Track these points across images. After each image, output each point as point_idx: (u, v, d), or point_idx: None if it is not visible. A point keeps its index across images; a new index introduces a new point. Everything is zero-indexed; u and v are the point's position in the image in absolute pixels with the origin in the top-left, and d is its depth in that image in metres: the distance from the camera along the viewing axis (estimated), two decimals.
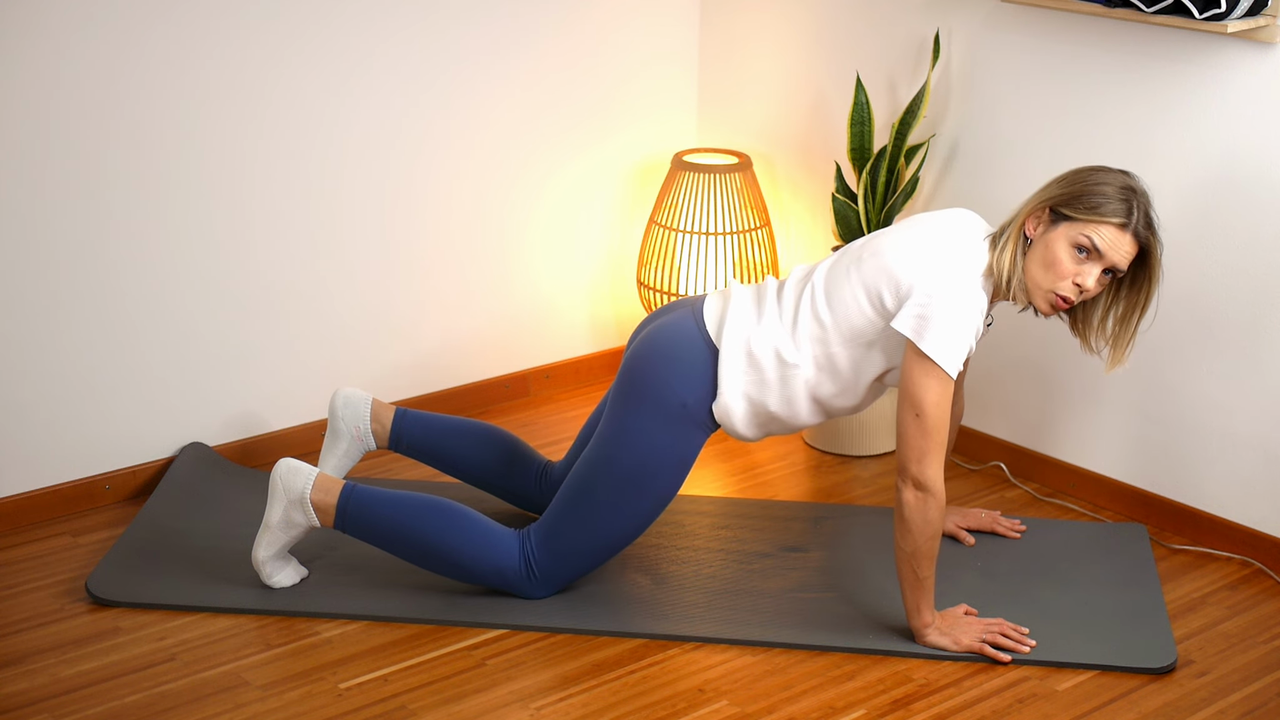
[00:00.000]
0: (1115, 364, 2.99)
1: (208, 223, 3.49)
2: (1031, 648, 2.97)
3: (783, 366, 2.98)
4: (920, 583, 2.93)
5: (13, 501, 3.37)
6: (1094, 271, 2.86)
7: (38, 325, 3.33)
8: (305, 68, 3.53)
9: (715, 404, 3.00)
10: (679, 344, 3.02)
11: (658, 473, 3.00)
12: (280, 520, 3.06)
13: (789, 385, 2.99)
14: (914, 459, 2.87)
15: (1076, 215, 2.84)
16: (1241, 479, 3.36)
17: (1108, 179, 2.86)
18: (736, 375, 2.98)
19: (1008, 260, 2.88)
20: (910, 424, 2.87)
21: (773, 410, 3.01)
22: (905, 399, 2.87)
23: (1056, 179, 2.92)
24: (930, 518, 2.88)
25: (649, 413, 2.99)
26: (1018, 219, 2.91)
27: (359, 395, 3.38)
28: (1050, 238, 2.87)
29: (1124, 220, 2.83)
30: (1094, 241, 2.83)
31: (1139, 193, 2.86)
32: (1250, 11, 3.08)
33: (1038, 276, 2.88)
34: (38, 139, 3.23)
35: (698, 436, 3.03)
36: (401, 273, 3.80)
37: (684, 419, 2.99)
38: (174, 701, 2.79)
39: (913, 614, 2.97)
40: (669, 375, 2.99)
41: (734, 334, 2.99)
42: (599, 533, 3.03)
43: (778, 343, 2.98)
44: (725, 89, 4.17)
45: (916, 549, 2.89)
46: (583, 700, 2.84)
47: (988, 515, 3.41)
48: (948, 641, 2.97)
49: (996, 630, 2.98)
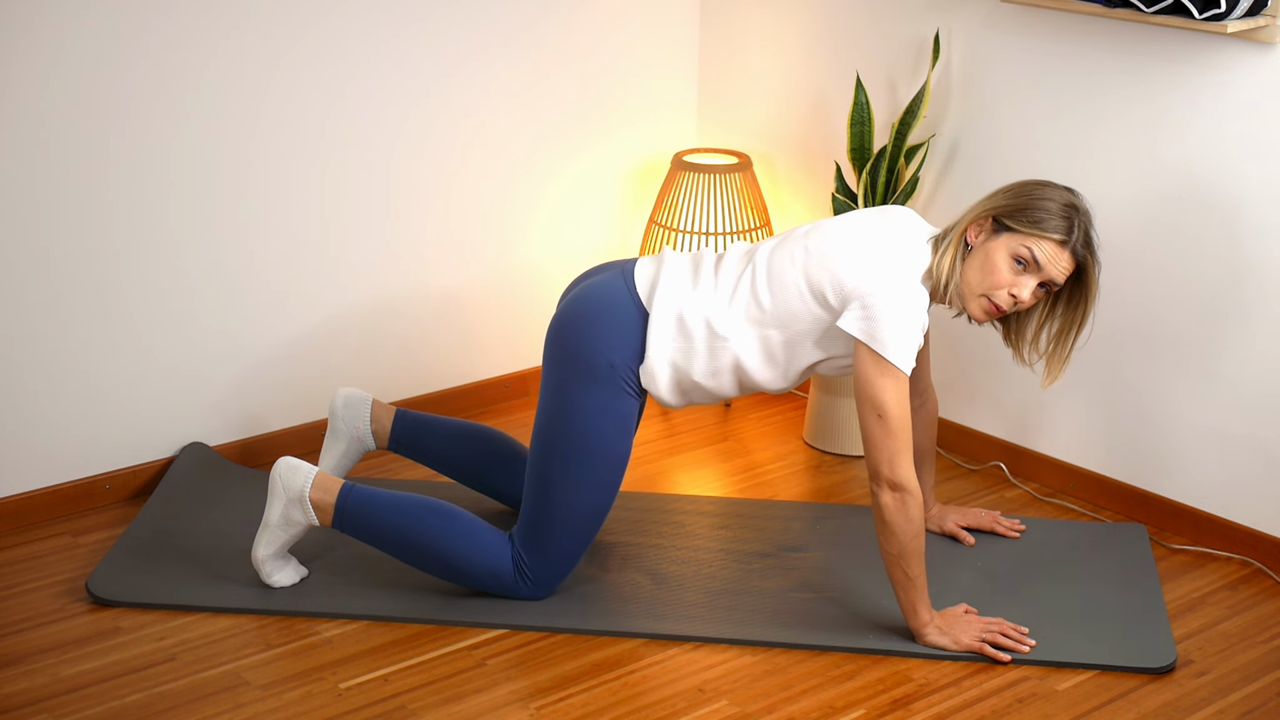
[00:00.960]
0: (1051, 380, 3.03)
1: (208, 222, 3.49)
2: (1031, 647, 2.97)
3: (713, 338, 2.99)
4: (912, 582, 2.93)
5: (13, 501, 3.37)
6: (1030, 284, 2.90)
7: (38, 325, 3.33)
8: (304, 69, 3.53)
9: (641, 367, 3.00)
10: (608, 304, 3.02)
11: (600, 439, 3.00)
12: (279, 518, 3.06)
13: (717, 357, 3.00)
14: (885, 461, 2.88)
15: (1018, 227, 2.89)
16: (1241, 479, 3.36)
17: (1052, 195, 2.90)
18: (665, 341, 2.99)
19: (947, 264, 2.92)
20: (875, 426, 2.88)
21: (696, 379, 3.02)
22: (865, 402, 2.89)
23: (1002, 189, 2.96)
24: (912, 516, 2.89)
25: (578, 380, 2.99)
26: (960, 225, 2.95)
27: (359, 396, 3.38)
28: (991, 246, 2.91)
29: (1064, 237, 2.88)
30: (1034, 254, 2.88)
31: (1081, 211, 2.91)
32: (1250, 11, 3.08)
33: (974, 283, 2.92)
34: (36, 139, 3.23)
35: (628, 402, 3.02)
36: (402, 273, 3.80)
37: (612, 381, 2.99)
38: (174, 701, 2.80)
39: (910, 614, 2.97)
40: (596, 336, 2.99)
41: (666, 299, 3.00)
42: (569, 516, 3.02)
43: (710, 314, 2.98)
44: (725, 89, 4.17)
45: (903, 549, 2.90)
46: (583, 700, 2.84)
47: (988, 515, 3.42)
48: (947, 641, 2.97)
49: (996, 630, 2.99)
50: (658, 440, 3.89)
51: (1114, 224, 3.44)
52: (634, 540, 3.35)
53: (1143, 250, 3.41)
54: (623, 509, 3.48)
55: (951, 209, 3.71)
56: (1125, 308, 3.46)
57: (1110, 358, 3.51)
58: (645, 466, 3.74)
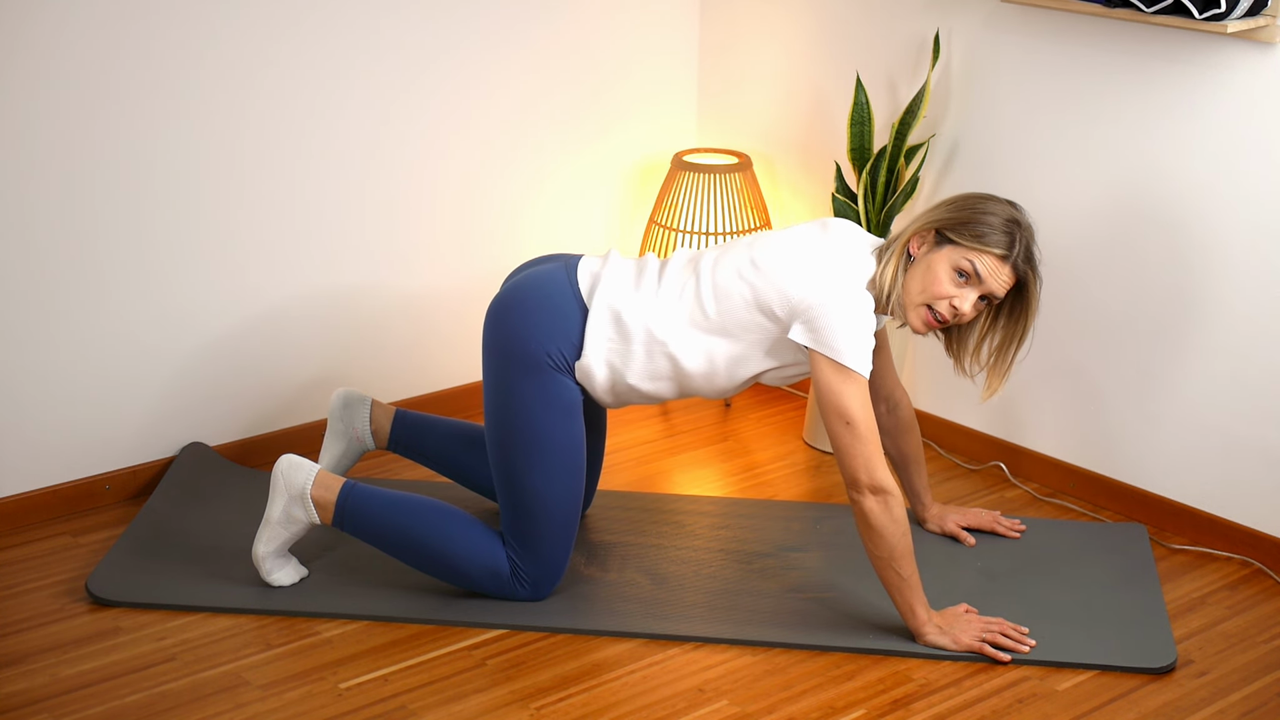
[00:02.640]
0: (991, 392, 3.05)
1: (207, 222, 3.49)
2: (1031, 647, 2.97)
3: (652, 342, 2.99)
4: (906, 582, 2.94)
5: (13, 501, 3.37)
6: (971, 296, 2.92)
7: (37, 325, 3.33)
8: (304, 70, 3.52)
9: (578, 364, 3.00)
10: (548, 295, 3.02)
11: (548, 428, 2.99)
12: (281, 516, 3.06)
13: (654, 360, 3.00)
14: (861, 467, 2.89)
15: (961, 241, 2.91)
16: (1241, 479, 3.36)
17: (995, 209, 2.92)
18: (602, 340, 2.99)
19: (890, 274, 2.94)
20: (844, 434, 2.89)
21: (631, 383, 3.02)
22: (830, 411, 2.89)
23: (945, 202, 2.98)
24: (896, 516, 2.90)
25: (516, 371, 2.99)
26: (903, 236, 2.96)
27: (358, 396, 3.38)
28: (933, 258, 2.93)
29: (1005, 252, 2.90)
30: (975, 267, 2.90)
31: (1023, 226, 2.93)
32: (1250, 11, 3.08)
33: (915, 293, 2.94)
34: (34, 138, 3.23)
35: (571, 386, 3.01)
36: (401, 273, 3.80)
37: (551, 369, 2.99)
38: (174, 701, 2.80)
39: (908, 615, 2.98)
40: (534, 325, 2.99)
41: (606, 297, 3.00)
42: (542, 508, 3.01)
43: (651, 318, 2.99)
44: (725, 89, 4.17)
45: (893, 551, 2.91)
46: (583, 700, 2.84)
47: (988, 515, 3.42)
48: (947, 640, 2.97)
49: (996, 630, 2.99)
50: (658, 440, 3.89)
51: (1113, 223, 3.44)
52: (634, 540, 3.35)
53: (1142, 249, 3.41)
54: (623, 509, 3.48)
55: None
56: (1125, 307, 3.46)
57: (1110, 358, 3.51)
58: (645, 466, 3.75)
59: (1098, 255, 3.49)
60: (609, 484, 3.62)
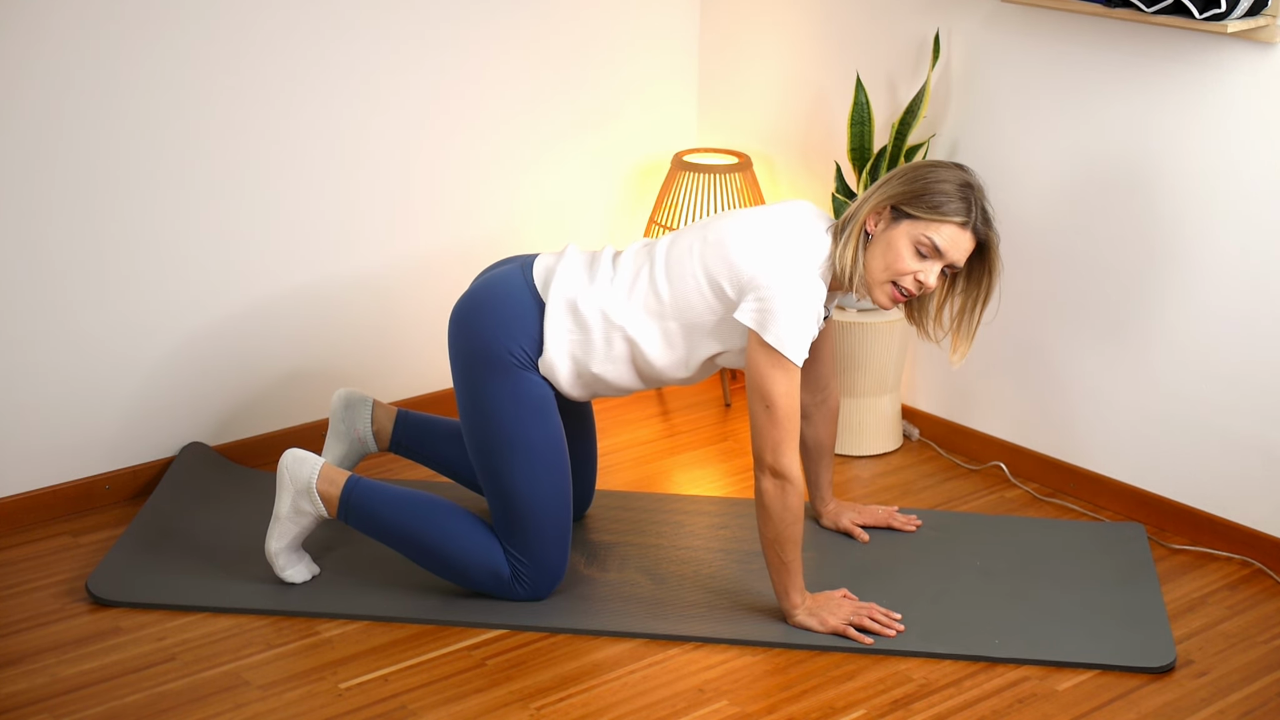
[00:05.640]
0: (960, 355, 3.07)
1: (208, 223, 3.49)
2: (899, 632, 2.99)
3: (609, 328, 3.00)
4: (785, 566, 2.97)
5: (13, 501, 3.37)
6: (935, 268, 2.93)
7: (38, 325, 3.33)
8: (302, 70, 3.52)
9: (540, 360, 3.00)
10: (504, 295, 3.04)
11: (522, 427, 3.00)
12: (289, 510, 3.06)
13: (613, 346, 3.01)
14: (769, 449, 2.91)
15: (918, 214, 2.91)
16: (1241, 479, 3.36)
17: (946, 176, 2.93)
18: (561, 332, 3.00)
19: (850, 255, 2.94)
20: (761, 415, 2.91)
21: (596, 371, 3.03)
22: (754, 392, 2.91)
23: (896, 175, 2.97)
24: (790, 504, 2.92)
25: (483, 374, 3.00)
26: (859, 215, 2.96)
27: (360, 397, 3.38)
28: (891, 235, 2.93)
29: (964, 219, 2.91)
30: (934, 241, 2.91)
31: (976, 188, 2.94)
32: (1250, 11, 3.08)
33: (878, 271, 2.94)
34: (37, 140, 3.23)
35: (539, 383, 3.02)
36: (402, 273, 3.80)
37: (517, 367, 3.00)
38: (174, 701, 2.80)
39: (781, 596, 3.01)
40: (494, 325, 3.01)
41: (561, 289, 3.01)
42: (531, 507, 3.02)
43: (606, 304, 3.00)
44: (725, 89, 4.17)
45: (779, 534, 2.94)
46: (583, 700, 2.84)
47: (884, 511, 3.43)
48: (814, 622, 3.00)
49: (865, 614, 3.00)
50: (658, 440, 3.89)
51: (1113, 223, 3.44)
52: (634, 540, 3.35)
53: (1141, 248, 3.41)
54: (623, 509, 3.48)
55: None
56: (1124, 307, 3.46)
57: (1110, 358, 3.51)
58: (645, 466, 3.75)
59: (1098, 255, 3.49)
60: (609, 484, 3.62)
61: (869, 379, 3.75)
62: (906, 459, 3.82)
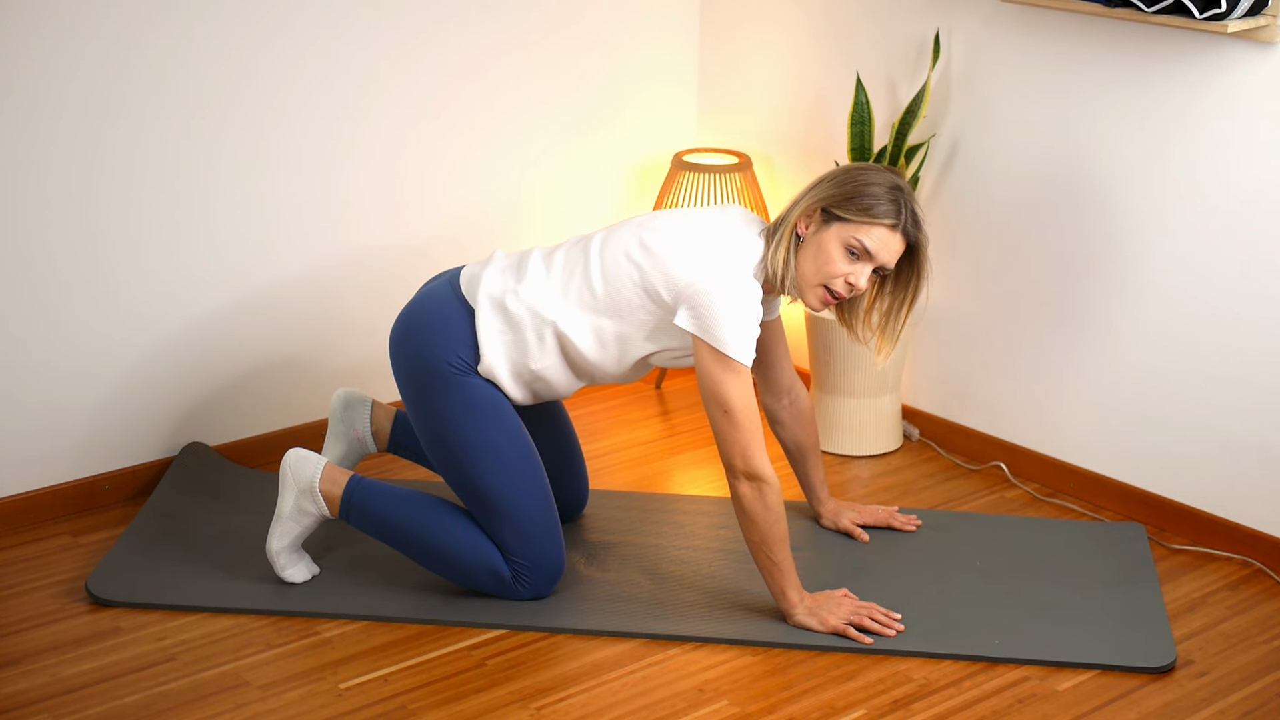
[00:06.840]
0: (884, 356, 3.08)
1: (208, 222, 3.49)
2: (899, 632, 2.99)
3: (540, 324, 3.00)
4: (777, 566, 2.97)
5: (13, 501, 3.37)
6: (865, 270, 2.94)
7: (38, 325, 3.33)
8: (302, 72, 3.53)
9: (480, 364, 3.01)
10: (434, 308, 3.05)
11: (481, 430, 3.00)
12: (292, 510, 3.07)
13: (545, 341, 3.01)
14: (738, 454, 2.92)
15: (848, 216, 2.92)
16: (1241, 479, 3.36)
17: (876, 179, 2.93)
18: (493, 334, 3.00)
19: (781, 258, 2.95)
20: (722, 421, 2.92)
21: (535, 369, 3.03)
22: (710, 400, 2.92)
23: (827, 178, 2.98)
24: (770, 504, 2.92)
25: (428, 388, 3.00)
26: (790, 218, 2.97)
27: (359, 397, 3.38)
28: (822, 238, 2.94)
29: (894, 221, 2.92)
30: (865, 244, 2.91)
31: (905, 191, 2.95)
32: (1250, 11, 3.08)
33: (809, 274, 2.95)
34: (38, 140, 3.23)
35: (484, 384, 3.02)
36: (402, 272, 3.80)
37: (458, 374, 3.00)
38: (174, 701, 2.80)
39: (778, 596, 3.01)
40: (429, 341, 3.01)
41: (489, 292, 3.01)
42: (512, 510, 3.02)
43: (536, 301, 3.00)
44: (725, 89, 4.17)
45: (764, 536, 2.94)
46: (583, 700, 2.84)
47: (884, 511, 3.43)
48: (814, 622, 2.99)
49: (866, 613, 3.00)
50: (658, 440, 3.89)
51: (1114, 224, 3.44)
52: (633, 540, 3.35)
53: (1141, 248, 3.41)
54: (623, 509, 3.48)
55: (952, 209, 3.72)
56: (1124, 307, 3.46)
57: (1110, 358, 3.51)
58: (645, 466, 3.75)
59: (1098, 254, 3.48)
60: (608, 484, 3.63)
61: (869, 379, 3.75)
62: (906, 459, 3.82)
